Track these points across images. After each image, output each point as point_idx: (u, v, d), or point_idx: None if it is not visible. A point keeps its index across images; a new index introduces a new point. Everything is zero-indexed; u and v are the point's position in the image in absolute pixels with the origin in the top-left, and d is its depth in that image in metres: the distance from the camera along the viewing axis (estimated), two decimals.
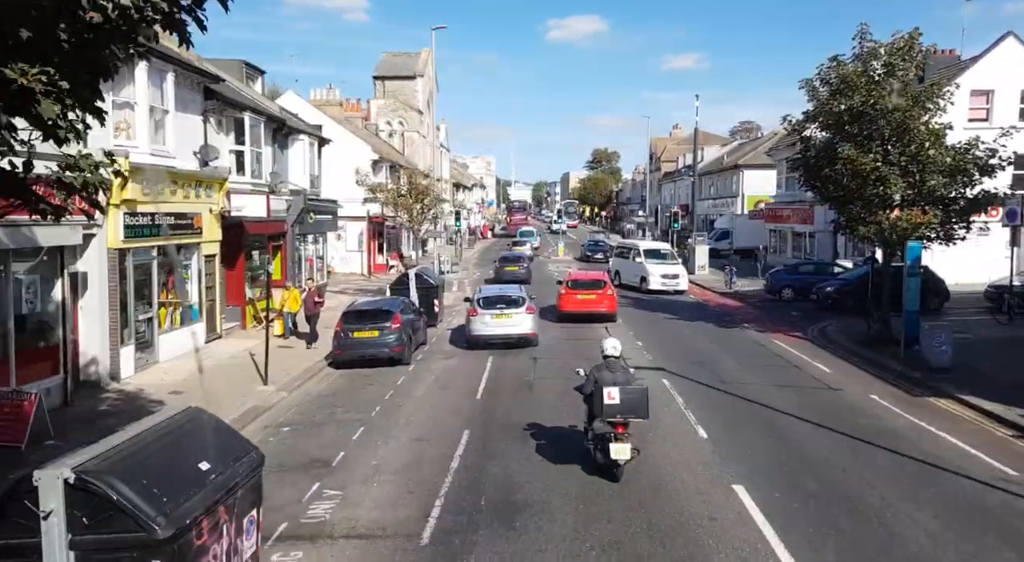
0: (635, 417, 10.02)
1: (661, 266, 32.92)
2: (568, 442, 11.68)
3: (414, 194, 27.32)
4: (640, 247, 34.91)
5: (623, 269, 34.98)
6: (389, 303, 19.35)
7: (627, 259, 34.98)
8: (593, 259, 46.88)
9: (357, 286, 34.69)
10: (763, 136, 61.78)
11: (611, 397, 9.87)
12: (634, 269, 33.66)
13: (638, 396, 10.04)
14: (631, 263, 34.35)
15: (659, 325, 23.81)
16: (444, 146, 71.71)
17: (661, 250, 35.22)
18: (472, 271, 44.25)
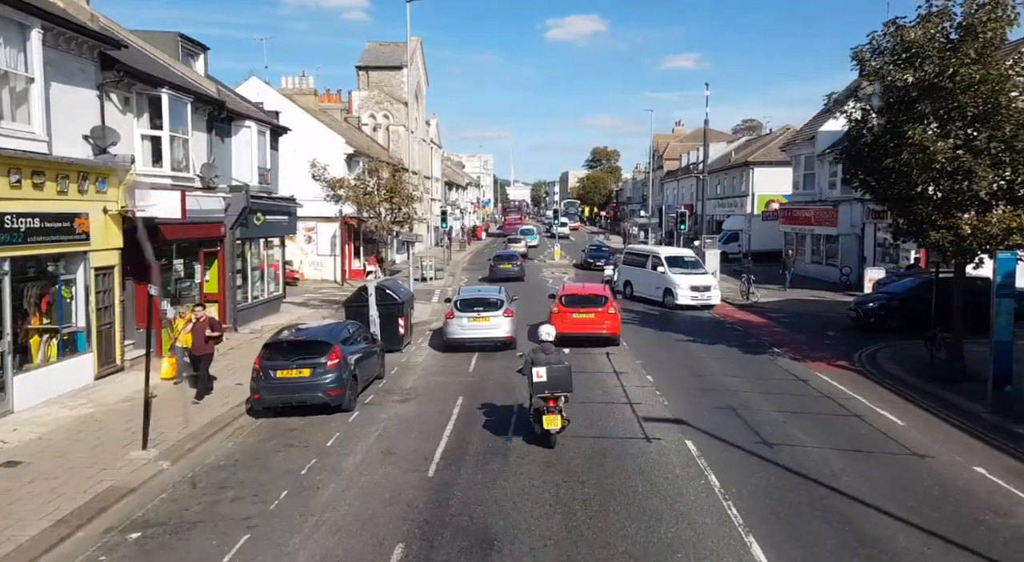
0: (561, 392, 11.40)
1: (689, 277, 27.70)
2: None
3: (381, 190, 22.99)
4: (660, 254, 29.09)
5: (638, 280, 29.75)
6: (328, 331, 14.94)
7: (643, 268, 29.55)
8: (595, 267, 40.66)
9: (325, 296, 30.35)
10: (772, 132, 57.42)
11: (539, 376, 11.30)
12: (654, 280, 28.47)
13: (563, 374, 11.47)
14: (650, 273, 28.95)
15: (671, 351, 19.46)
16: (435, 142, 67.33)
17: (685, 257, 29.44)
18: (460, 277, 39.88)
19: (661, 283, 27.94)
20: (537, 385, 11.31)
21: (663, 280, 27.88)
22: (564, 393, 11.44)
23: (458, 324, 19.21)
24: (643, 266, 29.57)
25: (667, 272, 27.84)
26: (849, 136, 17.84)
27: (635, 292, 29.57)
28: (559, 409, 11.32)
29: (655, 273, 28.55)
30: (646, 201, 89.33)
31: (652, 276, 28.73)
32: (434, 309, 27.23)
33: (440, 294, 32.12)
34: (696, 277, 27.80)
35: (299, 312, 25.91)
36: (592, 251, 45.24)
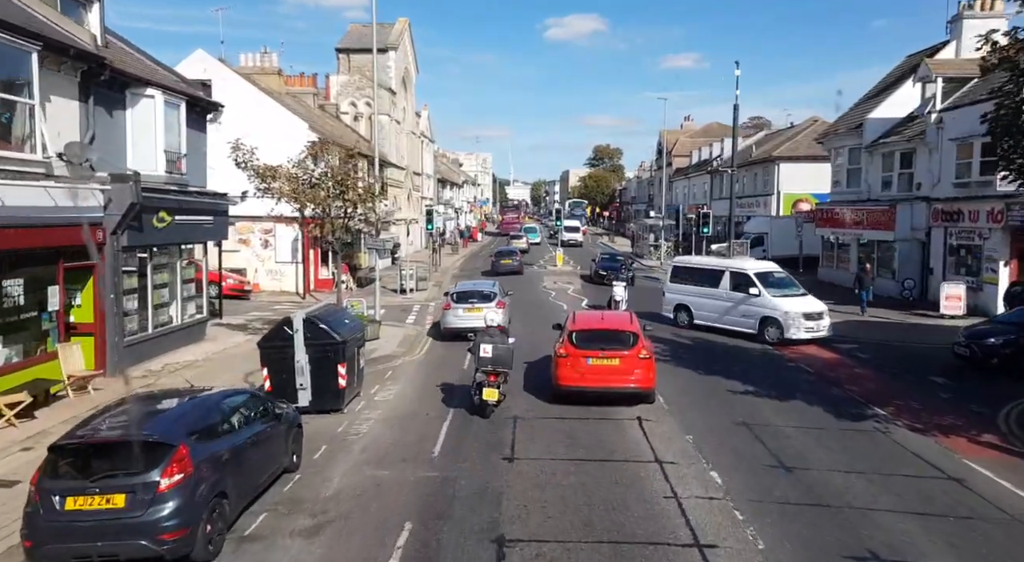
0: (503, 368, 13.08)
1: (795, 300, 20.16)
2: None
3: (332, 183, 17.01)
4: (747, 270, 21.21)
5: (704, 305, 21.79)
6: (176, 416, 8.38)
7: (713, 288, 21.58)
8: (608, 280, 31.20)
9: (278, 313, 24.26)
10: (799, 124, 51.30)
11: (486, 351, 13.13)
12: (741, 306, 20.71)
13: (506, 353, 13.28)
14: (728, 296, 21.12)
15: (728, 412, 13.32)
16: (426, 135, 61.20)
17: (775, 273, 21.66)
18: (446, 287, 33.75)
19: (754, 310, 20.23)
20: (483, 359, 13.04)
21: (759, 306, 20.17)
22: (505, 370, 13.10)
23: (454, 314, 20.30)
24: (712, 285, 21.62)
25: (764, 295, 20.12)
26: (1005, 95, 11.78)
27: (697, 319, 21.88)
28: (499, 384, 12.90)
29: (741, 296, 20.73)
30: (652, 200, 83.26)
31: (734, 300, 20.93)
32: (406, 335, 21.10)
33: (419, 312, 25.99)
34: (803, 301, 20.29)
35: (228, 340, 19.82)
36: (605, 261, 36.14)
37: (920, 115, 29.02)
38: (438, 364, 17.52)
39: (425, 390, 14.98)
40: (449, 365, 17.30)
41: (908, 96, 31.25)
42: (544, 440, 11.58)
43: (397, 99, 49.14)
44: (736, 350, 19.28)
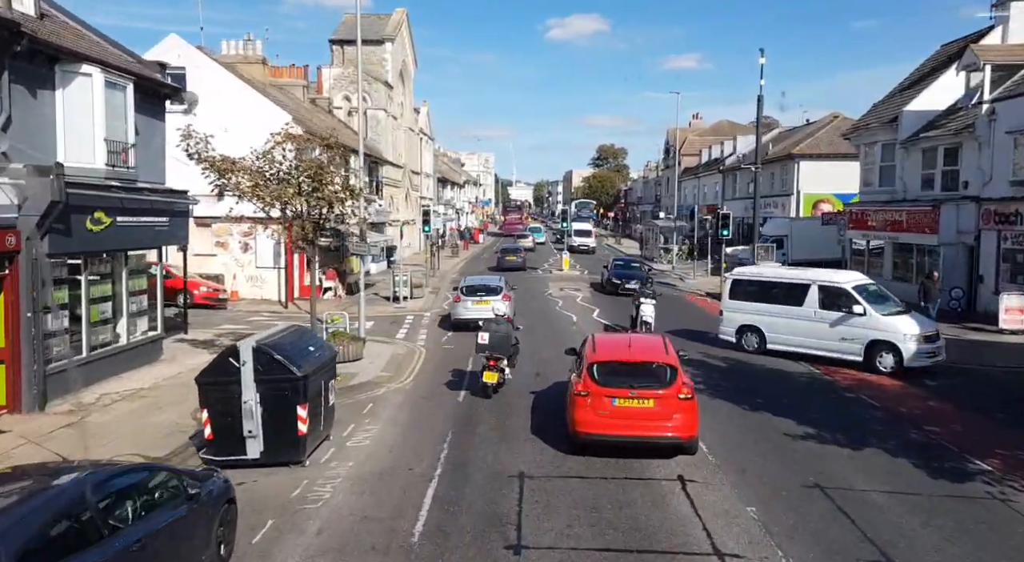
0: (499, 354, 13.84)
1: (907, 321, 16.68)
2: None
3: (301, 176, 14.18)
4: (843, 284, 17.37)
5: (782, 326, 17.90)
6: None
7: (794, 306, 17.69)
8: (625, 291, 28.45)
9: (254, 326, 21.44)
10: (818, 120, 48.36)
11: (482, 339, 13.89)
12: (840, 328, 16.92)
13: (502, 339, 13.99)
14: (819, 315, 17.26)
15: (794, 467, 10.38)
16: (425, 133, 58.36)
17: (870, 287, 17.93)
18: (445, 295, 30.93)
19: (859, 333, 16.61)
20: (480, 346, 14.00)
21: (865, 328, 16.55)
22: (502, 355, 13.95)
23: (463, 307, 21.48)
24: (793, 302, 17.73)
25: (872, 314, 16.51)
26: None
27: (771, 343, 18.08)
28: (498, 368, 13.83)
29: (836, 316, 16.99)
30: (660, 201, 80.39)
31: (827, 321, 17.14)
32: (394, 355, 18.24)
33: (412, 325, 23.13)
34: (914, 320, 16.82)
35: (189, 360, 16.94)
36: (619, 268, 31.90)
37: (965, 106, 26.13)
38: (429, 393, 14.68)
39: (410, 432, 12.12)
40: (441, 395, 14.47)
41: (948, 87, 28.36)
42: (560, 513, 8.72)
43: (394, 93, 46.34)
44: (777, 375, 16.42)
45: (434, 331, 21.79)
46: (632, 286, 28.36)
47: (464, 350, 18.81)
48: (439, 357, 18.04)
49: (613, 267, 32.19)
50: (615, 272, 31.20)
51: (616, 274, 30.91)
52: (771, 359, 17.73)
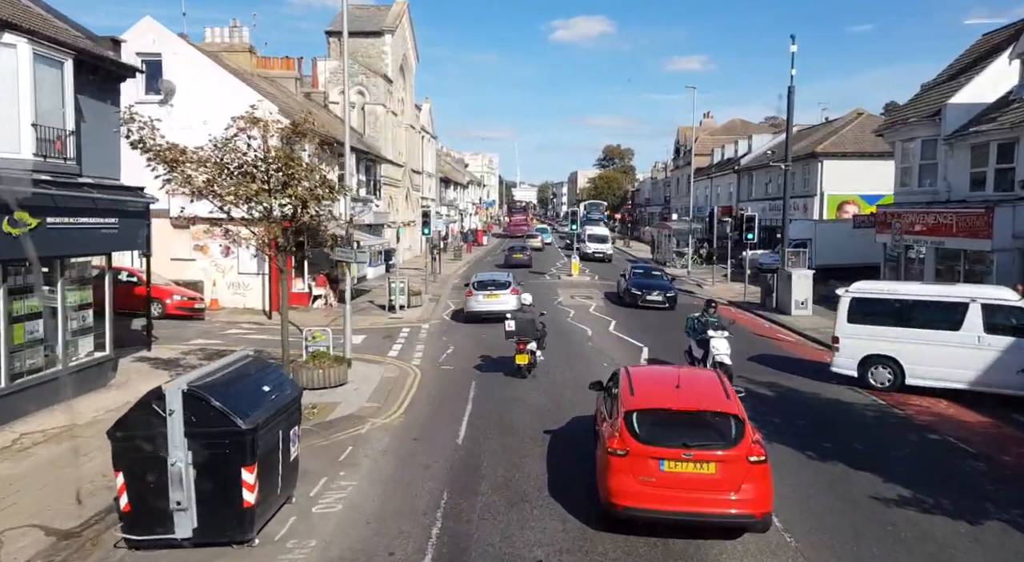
0: (526, 337, 15.12)
1: None
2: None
3: (270, 169, 11.62)
4: (1018, 302, 14.28)
5: (941, 356, 14.31)
6: None
7: (948, 328, 14.32)
8: (647, 303, 25.50)
9: (230, 341, 18.88)
10: (841, 118, 45.65)
11: (509, 327, 15.26)
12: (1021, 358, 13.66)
13: (525, 325, 15.19)
14: (988, 342, 13.89)
15: (900, 549, 7.80)
16: (427, 130, 55.80)
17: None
18: (446, 303, 28.35)
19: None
20: (508, 332, 15.39)
21: None
22: (528, 338, 15.21)
23: (475, 300, 22.90)
24: (944, 326, 14.43)
25: None
26: None
27: (912, 378, 14.63)
28: (528, 351, 15.17)
29: (1009, 343, 13.75)
30: (670, 202, 77.72)
31: (998, 349, 13.81)
32: (384, 379, 15.63)
33: (408, 339, 20.52)
34: None
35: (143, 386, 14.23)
36: (639, 277, 27.82)
37: (1020, 98, 23.51)
38: (422, 431, 12.08)
39: (394, 492, 9.51)
40: (436, 434, 11.87)
41: (997, 78, 25.74)
42: None
43: (394, 88, 43.80)
44: (834, 405, 13.82)
45: (432, 346, 19.22)
46: (656, 298, 25.61)
47: (465, 370, 16.23)
48: (436, 380, 15.46)
49: (632, 275, 27.90)
50: (634, 281, 26.98)
51: (636, 284, 26.68)
52: (817, 382, 15.15)
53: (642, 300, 25.69)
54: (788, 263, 26.07)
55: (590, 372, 15.69)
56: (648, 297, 25.71)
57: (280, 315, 14.13)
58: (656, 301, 25.62)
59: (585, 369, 16.13)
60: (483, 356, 17.81)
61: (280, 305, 12.96)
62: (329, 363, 14.76)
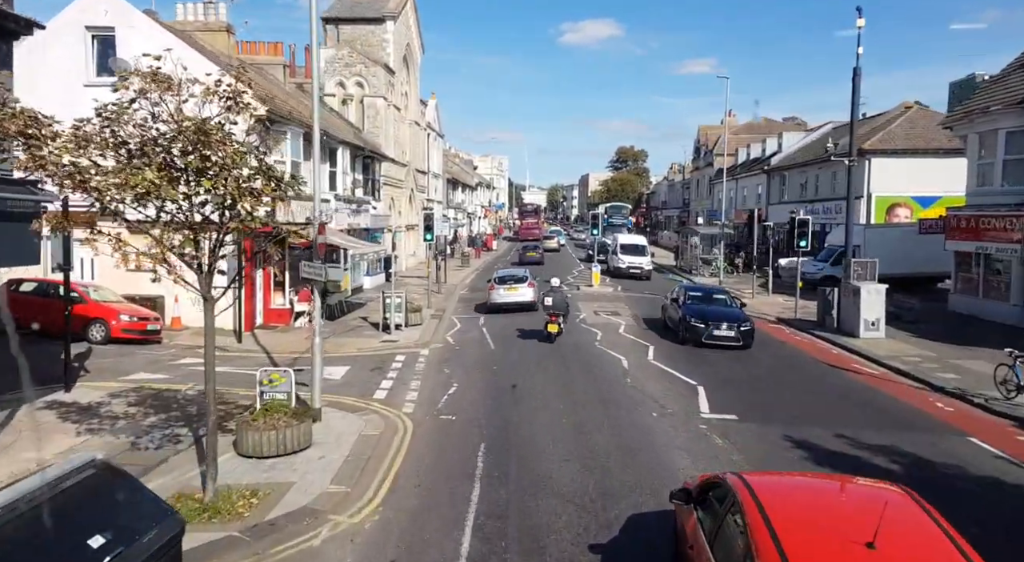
0: (559, 312, 19.27)
1: None
2: None
3: (174, 150, 7.67)
4: None
5: None
6: None
7: None
8: (713, 340, 18.66)
9: (176, 379, 14.90)
10: (890, 112, 41.31)
11: (547, 302, 19.46)
12: None
13: (558, 302, 19.41)
14: None
15: None
16: (433, 128, 51.84)
17: None
18: (450, 319, 24.30)
19: None
20: (546, 307, 19.50)
21: None
22: (561, 313, 19.41)
23: (497, 294, 25.15)
24: None
25: None
26: None
27: None
28: (558, 322, 19.28)
29: None
30: (688, 205, 73.52)
31: None
32: (363, 438, 11.55)
33: (403, 371, 16.43)
34: None
35: (30, 453, 10.39)
36: (698, 303, 20.32)
37: None
38: (404, 545, 8.00)
39: None
40: (427, 548, 7.80)
41: None
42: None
43: (396, 80, 39.86)
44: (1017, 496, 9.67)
45: (431, 383, 15.18)
46: (726, 333, 18.60)
47: (471, 422, 12.20)
48: (432, 441, 11.42)
49: (687, 299, 20.56)
50: (692, 309, 19.66)
51: (695, 312, 19.39)
52: (957, 446, 11.01)
53: (707, 336, 18.66)
54: (854, 275, 21.87)
55: (636, 430, 11.60)
56: (716, 332, 18.65)
57: (204, 367, 10.12)
58: (726, 338, 18.61)
59: (629, 423, 12.07)
60: (494, 397, 13.81)
61: (206, 354, 8.96)
62: (286, 420, 10.75)
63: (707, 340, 18.67)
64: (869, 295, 21.03)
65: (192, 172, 7.97)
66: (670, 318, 21.33)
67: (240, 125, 8.66)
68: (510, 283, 25.59)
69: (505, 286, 25.37)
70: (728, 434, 11.69)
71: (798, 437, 11.54)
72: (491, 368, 16.53)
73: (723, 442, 11.29)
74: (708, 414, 12.86)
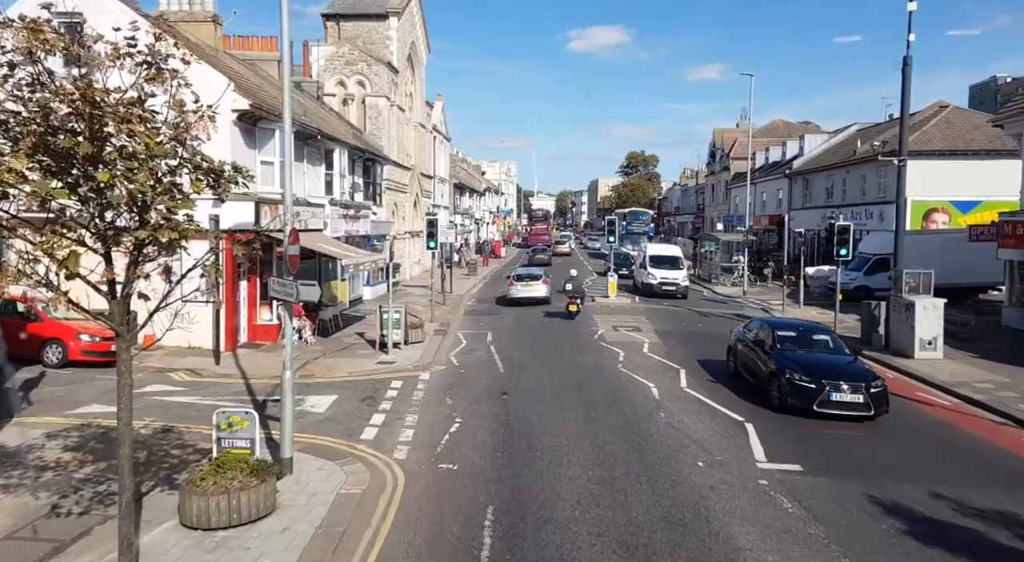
0: (576, 295, 24.61)
1: None
2: None
3: (51, 126, 5.49)
4: None
5: None
6: None
7: None
8: (830, 408, 12.51)
9: (105, 421, 12.72)
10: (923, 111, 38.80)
11: (568, 287, 24.77)
12: None
13: (577, 287, 25.06)
14: None
15: None
16: (439, 131, 49.69)
17: None
18: (456, 335, 22.01)
19: None
20: (567, 292, 24.77)
21: None
22: (579, 296, 24.90)
23: (515, 289, 28.56)
24: None
25: None
26: None
27: None
28: (577, 303, 24.47)
29: None
30: (703, 210, 71.10)
31: None
32: (341, 496, 9.22)
33: (397, 402, 14.07)
34: None
35: None
36: (795, 354, 13.97)
37: None
38: None
39: None
40: None
41: None
42: None
43: (400, 80, 37.71)
44: None
45: (430, 418, 12.86)
46: (849, 397, 12.48)
47: (477, 475, 9.87)
48: (428, 501, 9.11)
49: (778, 342, 14.44)
50: (790, 358, 13.66)
51: (795, 363, 13.37)
52: None
53: (821, 402, 12.52)
54: (905, 287, 19.45)
55: (681, 490, 9.25)
56: (835, 397, 12.51)
57: (117, 411, 7.74)
58: (850, 405, 12.53)
59: (670, 479, 9.74)
60: (504, 438, 11.52)
61: (119, 409, 6.68)
62: (242, 479, 8.46)
63: (820, 408, 12.46)
64: (925, 311, 18.61)
65: (81, 160, 5.71)
66: (746, 366, 15.23)
67: (161, 98, 6.39)
68: (527, 280, 28.92)
69: (523, 283, 28.77)
70: (796, 494, 9.33)
71: (886, 499, 9.17)
72: (500, 398, 14.23)
73: (793, 506, 8.93)
74: (765, 463, 10.49)
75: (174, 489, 9.07)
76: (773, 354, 14.10)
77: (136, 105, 6.04)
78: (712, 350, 18.72)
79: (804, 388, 12.78)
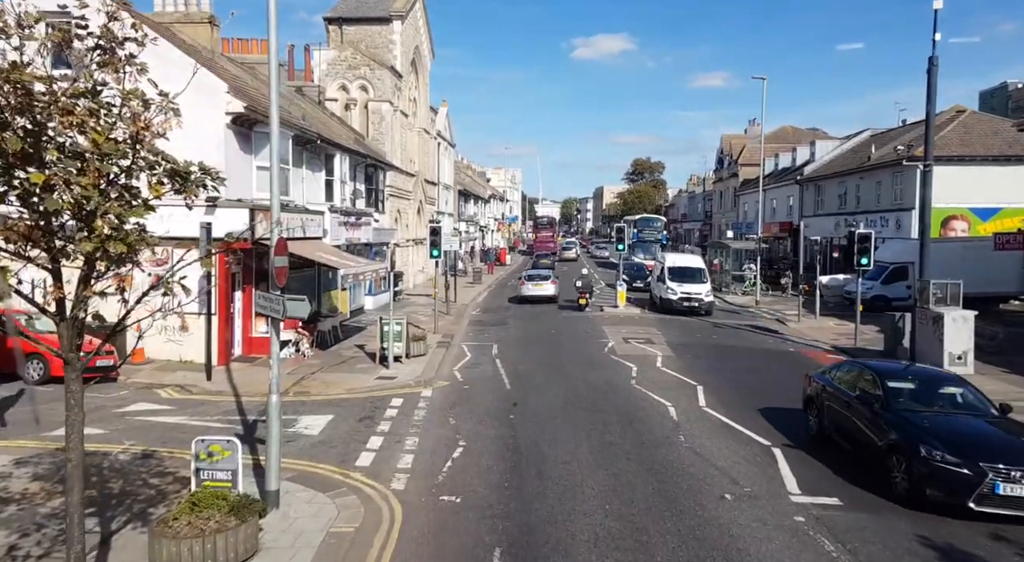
0: (587, 290, 29.13)
1: None
2: None
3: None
4: None
5: None
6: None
7: None
8: (999, 504, 8.40)
9: (38, 469, 11.77)
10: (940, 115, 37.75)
11: (579, 284, 28.97)
12: None
13: (586, 283, 29.33)
14: None
15: None
16: (443, 137, 48.91)
17: None
18: (459, 347, 21.09)
19: None
20: (576, 287, 28.74)
21: None
22: (588, 291, 28.97)
23: (526, 288, 31.79)
24: None
25: None
26: None
27: None
28: (587, 297, 28.72)
29: None
30: (711, 217, 70.15)
31: None
32: (330, 537, 8.27)
33: (396, 422, 13.15)
34: None
35: None
36: (921, 418, 9.71)
37: None
38: None
39: None
40: None
41: None
42: None
43: (404, 85, 36.94)
44: None
45: (431, 442, 11.92)
46: (1020, 492, 8.41)
47: (482, 507, 8.94)
48: (427, 542, 8.19)
49: (888, 395, 10.38)
50: (916, 428, 9.47)
51: (928, 434, 9.24)
52: None
53: (979, 498, 8.49)
54: (932, 299, 18.47)
55: (709, 528, 8.28)
56: (1003, 490, 8.42)
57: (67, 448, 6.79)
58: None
59: (696, 515, 8.78)
60: (512, 465, 10.59)
61: (68, 445, 5.76)
62: (220, 519, 7.54)
63: (980, 506, 8.49)
64: (954, 323, 17.64)
65: (11, 158, 4.82)
66: (840, 427, 11.25)
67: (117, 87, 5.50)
68: (537, 280, 32.21)
69: (533, 282, 31.97)
70: (837, 532, 8.37)
71: (936, 538, 8.20)
72: (507, 417, 13.30)
73: (835, 548, 7.97)
74: (799, 496, 9.52)
75: (148, 526, 8.16)
76: (890, 416, 9.95)
77: (85, 96, 5.16)
78: (728, 363, 17.74)
79: (952, 474, 8.66)
